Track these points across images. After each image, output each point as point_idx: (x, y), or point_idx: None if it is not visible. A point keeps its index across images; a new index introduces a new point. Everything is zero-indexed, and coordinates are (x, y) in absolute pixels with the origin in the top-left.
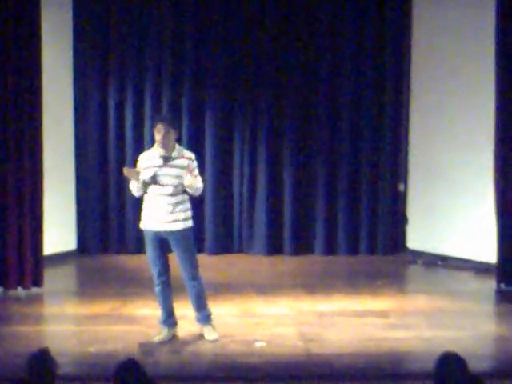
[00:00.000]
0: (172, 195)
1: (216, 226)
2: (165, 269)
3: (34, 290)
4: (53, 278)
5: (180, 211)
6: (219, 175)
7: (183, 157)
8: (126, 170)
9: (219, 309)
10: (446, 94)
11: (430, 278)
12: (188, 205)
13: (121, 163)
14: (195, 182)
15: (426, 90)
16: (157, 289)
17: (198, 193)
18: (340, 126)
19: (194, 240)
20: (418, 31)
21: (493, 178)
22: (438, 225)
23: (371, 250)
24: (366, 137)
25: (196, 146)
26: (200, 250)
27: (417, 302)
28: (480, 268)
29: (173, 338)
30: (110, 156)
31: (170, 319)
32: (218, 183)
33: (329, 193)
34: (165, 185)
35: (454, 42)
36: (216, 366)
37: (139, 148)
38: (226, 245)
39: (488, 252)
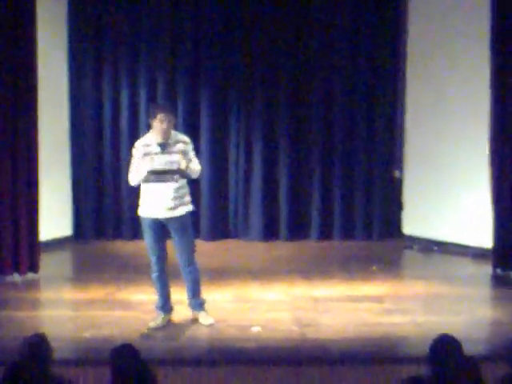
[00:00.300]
0: (172, 182)
1: (212, 211)
2: (163, 255)
3: (30, 275)
4: (49, 264)
5: (181, 196)
6: (215, 161)
7: (179, 141)
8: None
9: (215, 294)
10: (441, 81)
11: (426, 264)
12: (187, 189)
13: (116, 149)
14: (190, 165)
15: (421, 78)
16: (154, 275)
17: (195, 176)
18: (335, 113)
19: (192, 225)
20: (414, 20)
21: (488, 164)
22: (433, 210)
23: (367, 236)
24: (361, 124)
25: (191, 131)
26: (196, 236)
27: (412, 287)
28: (476, 253)
29: (168, 323)
30: (106, 142)
31: (166, 305)
32: (214, 169)
33: (324, 178)
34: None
35: (450, 30)
36: (212, 351)
37: (134, 134)
38: (221, 230)
39: (484, 237)
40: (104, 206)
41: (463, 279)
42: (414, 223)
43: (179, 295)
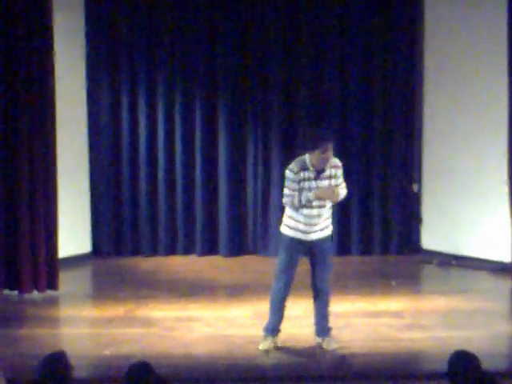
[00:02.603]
0: (324, 207)
1: (230, 228)
2: (294, 278)
3: (50, 292)
4: (68, 281)
5: (326, 219)
6: (233, 177)
7: (332, 166)
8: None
9: (234, 310)
10: (459, 94)
11: (445, 278)
12: (330, 212)
13: (134, 166)
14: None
15: (439, 91)
16: (282, 295)
17: (339, 200)
18: (352, 126)
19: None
20: (431, 33)
21: (507, 178)
22: (452, 224)
23: (385, 250)
24: (378, 137)
25: (209, 147)
26: (214, 252)
27: (432, 302)
28: (495, 267)
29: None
30: (124, 158)
31: (279, 328)
32: (232, 185)
33: None
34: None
35: (467, 42)
36: (231, 367)
37: (153, 149)
38: (240, 247)
39: (503, 251)
40: (123, 222)
41: (482, 293)
42: (432, 237)
43: (199, 311)
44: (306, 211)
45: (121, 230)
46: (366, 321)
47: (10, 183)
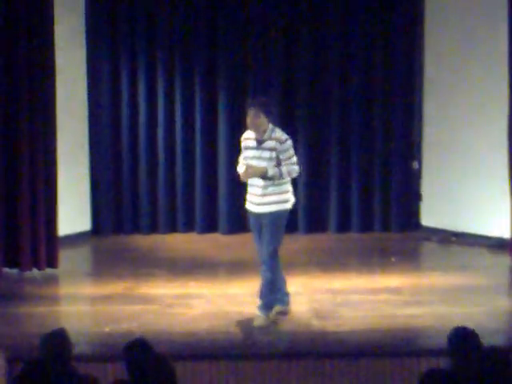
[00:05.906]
0: (265, 178)
1: (229, 205)
2: (258, 248)
3: (49, 270)
4: (67, 259)
5: (270, 194)
6: (232, 154)
7: (272, 138)
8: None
9: (234, 288)
10: (460, 71)
11: (444, 255)
12: (282, 187)
13: (134, 144)
14: (271, 170)
15: (439, 67)
16: None
17: (287, 177)
18: (352, 105)
19: (284, 225)
20: (431, 13)
21: (506, 154)
22: (452, 201)
23: (385, 227)
24: (378, 115)
25: (209, 124)
26: (214, 230)
27: (431, 278)
28: (494, 244)
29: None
30: (124, 137)
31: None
32: (232, 163)
33: (342, 170)
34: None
35: (468, 18)
36: (231, 344)
37: (153, 130)
38: (239, 224)
39: (502, 228)
40: (122, 200)
41: (482, 270)
42: (432, 214)
43: (199, 289)
44: (248, 180)
45: (120, 208)
46: (366, 298)
47: (11, 162)
